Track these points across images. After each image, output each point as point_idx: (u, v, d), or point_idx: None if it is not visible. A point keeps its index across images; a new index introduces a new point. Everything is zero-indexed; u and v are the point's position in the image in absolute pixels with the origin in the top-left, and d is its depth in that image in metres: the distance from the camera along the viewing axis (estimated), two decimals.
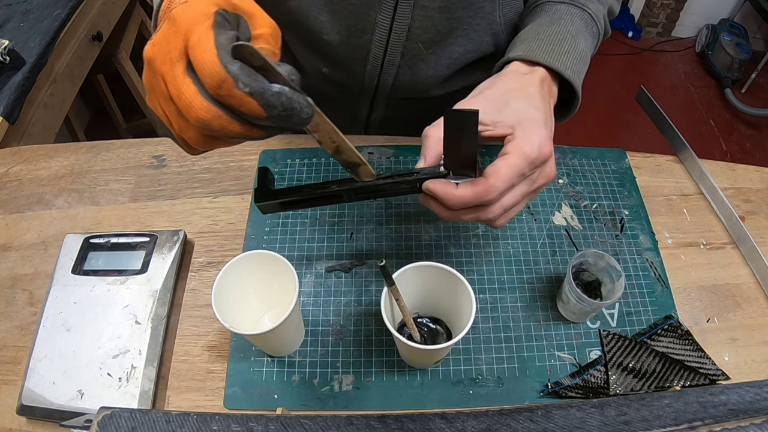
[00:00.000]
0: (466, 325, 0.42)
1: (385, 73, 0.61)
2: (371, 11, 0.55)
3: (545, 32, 0.49)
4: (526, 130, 0.41)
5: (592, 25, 0.52)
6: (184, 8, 0.32)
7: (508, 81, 0.46)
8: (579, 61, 0.48)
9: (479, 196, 0.39)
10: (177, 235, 0.57)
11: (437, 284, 0.47)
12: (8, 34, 1.00)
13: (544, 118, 0.43)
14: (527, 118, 0.42)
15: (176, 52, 0.31)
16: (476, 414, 0.34)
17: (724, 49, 2.09)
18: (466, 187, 0.39)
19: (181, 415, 0.34)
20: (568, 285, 0.50)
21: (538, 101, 0.44)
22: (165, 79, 0.32)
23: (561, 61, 0.47)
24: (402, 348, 0.48)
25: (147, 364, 0.50)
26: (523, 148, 0.40)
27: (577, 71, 0.48)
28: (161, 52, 0.31)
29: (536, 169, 0.41)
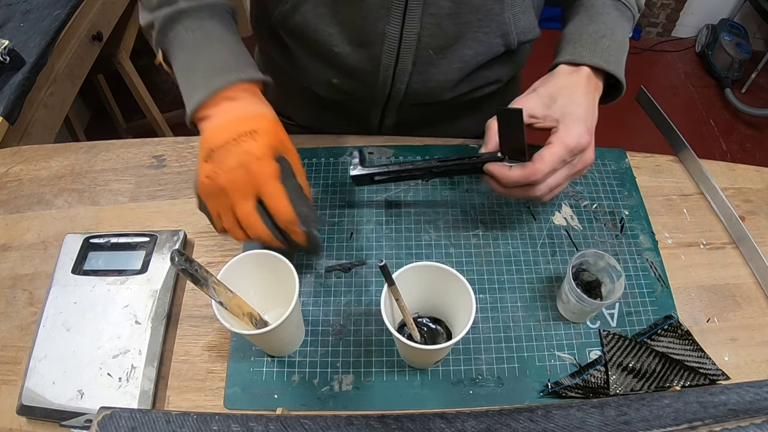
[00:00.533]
0: (466, 325, 0.42)
1: (397, 82, 0.60)
2: (379, 22, 0.54)
3: (586, 32, 0.55)
4: (569, 123, 0.49)
5: (626, 11, 0.58)
6: (254, 159, 0.45)
7: (557, 80, 0.53)
8: (618, 52, 0.55)
9: (527, 177, 0.49)
10: (177, 235, 0.57)
11: (437, 284, 0.47)
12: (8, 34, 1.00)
13: (585, 113, 0.51)
14: (570, 113, 0.50)
15: (250, 192, 0.45)
16: (476, 414, 0.34)
17: (724, 49, 2.09)
18: (517, 170, 0.49)
19: (181, 415, 0.34)
20: (568, 285, 0.50)
21: (582, 98, 0.51)
22: (236, 206, 0.46)
23: (603, 58, 0.53)
24: (402, 348, 0.48)
25: (147, 364, 0.50)
26: (564, 139, 0.49)
27: (617, 62, 0.54)
28: (236, 188, 0.45)
29: (576, 156, 0.50)
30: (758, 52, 2.13)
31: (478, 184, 0.64)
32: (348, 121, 0.71)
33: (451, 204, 0.63)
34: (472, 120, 0.74)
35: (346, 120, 0.71)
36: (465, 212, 0.62)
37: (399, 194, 0.63)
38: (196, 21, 0.50)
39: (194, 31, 0.50)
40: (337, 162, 0.66)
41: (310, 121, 0.76)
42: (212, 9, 0.51)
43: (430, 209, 0.62)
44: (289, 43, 0.63)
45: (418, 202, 0.62)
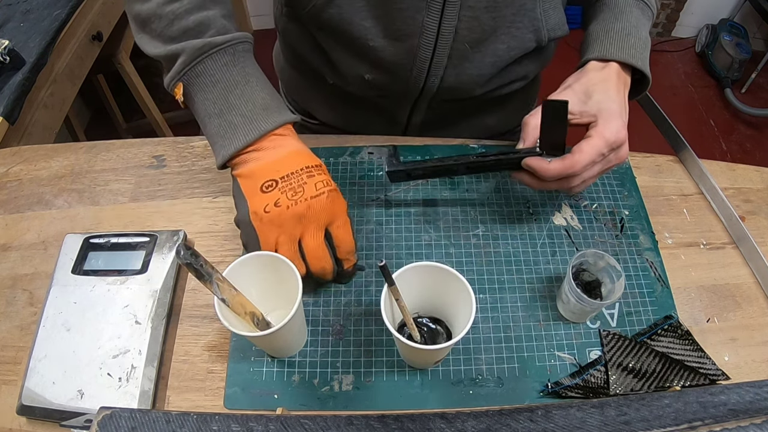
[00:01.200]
0: (466, 325, 0.42)
1: (432, 76, 0.61)
2: (418, 14, 0.54)
3: (613, 29, 0.56)
4: (607, 118, 0.51)
5: (647, 11, 0.59)
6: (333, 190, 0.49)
7: (590, 76, 0.54)
8: (644, 48, 0.56)
9: (566, 168, 0.50)
10: (177, 235, 0.57)
11: (437, 284, 0.47)
12: (8, 34, 1.00)
13: (620, 109, 0.52)
14: (607, 109, 0.51)
15: (325, 221, 0.48)
16: (476, 414, 0.34)
17: (724, 49, 2.09)
18: (557, 162, 0.50)
19: (181, 415, 0.34)
20: (568, 285, 0.50)
21: (615, 93, 0.53)
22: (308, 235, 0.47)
23: (631, 54, 0.55)
24: (402, 348, 0.48)
25: (147, 364, 0.50)
26: (603, 133, 0.50)
27: (643, 58, 0.55)
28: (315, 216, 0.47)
29: (613, 151, 0.51)
30: (758, 52, 2.13)
31: (478, 184, 0.64)
32: (375, 119, 0.71)
33: (451, 204, 0.63)
34: (494, 118, 0.75)
35: (373, 118, 0.71)
36: (465, 212, 0.62)
37: (399, 194, 0.63)
38: (230, 56, 0.49)
39: (229, 67, 0.49)
40: (336, 162, 0.66)
41: (334, 119, 0.76)
42: (244, 44, 0.50)
43: (430, 209, 0.62)
44: (320, 38, 0.62)
45: (418, 202, 0.62)
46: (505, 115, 0.75)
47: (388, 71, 0.61)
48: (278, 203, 0.46)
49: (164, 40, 0.50)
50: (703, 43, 2.25)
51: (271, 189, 0.47)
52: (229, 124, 0.48)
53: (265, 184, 0.47)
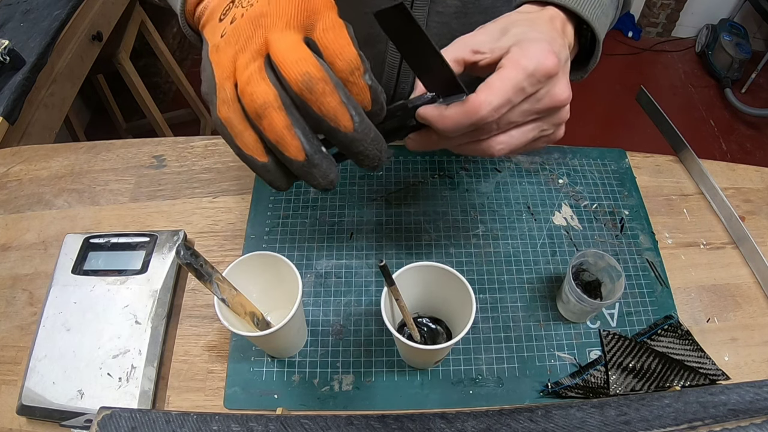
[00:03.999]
0: (466, 325, 0.42)
1: (401, 82, 0.60)
2: None
3: None
4: (524, 45, 0.36)
5: None
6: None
7: (512, 16, 0.41)
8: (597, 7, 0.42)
9: (469, 113, 0.34)
10: (177, 235, 0.57)
11: (437, 284, 0.47)
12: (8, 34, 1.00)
13: (550, 38, 0.37)
14: (527, 38, 0.36)
15: (295, 20, 0.30)
16: (476, 414, 0.34)
17: (724, 49, 2.09)
18: (456, 107, 0.34)
19: (181, 415, 0.34)
20: (568, 285, 0.50)
21: (544, 28, 0.39)
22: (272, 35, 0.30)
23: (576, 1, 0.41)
24: (402, 348, 0.48)
25: (147, 364, 0.50)
26: (519, 60, 0.35)
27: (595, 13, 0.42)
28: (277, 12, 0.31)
29: (540, 86, 0.36)
30: (758, 52, 2.13)
31: (478, 184, 0.64)
32: None
33: (451, 204, 0.63)
34: None
35: None
36: (465, 212, 0.62)
37: (399, 194, 0.63)
38: None
39: None
40: None
41: None
42: None
43: (430, 209, 0.62)
44: None
45: (418, 202, 0.62)
46: None
47: None
48: (234, 18, 0.32)
49: None
50: (703, 43, 2.25)
51: (228, 11, 0.34)
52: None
53: (222, 12, 0.34)
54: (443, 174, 0.65)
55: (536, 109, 0.37)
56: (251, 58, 0.30)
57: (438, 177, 0.64)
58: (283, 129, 0.29)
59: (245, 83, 0.30)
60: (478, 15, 0.54)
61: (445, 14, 0.52)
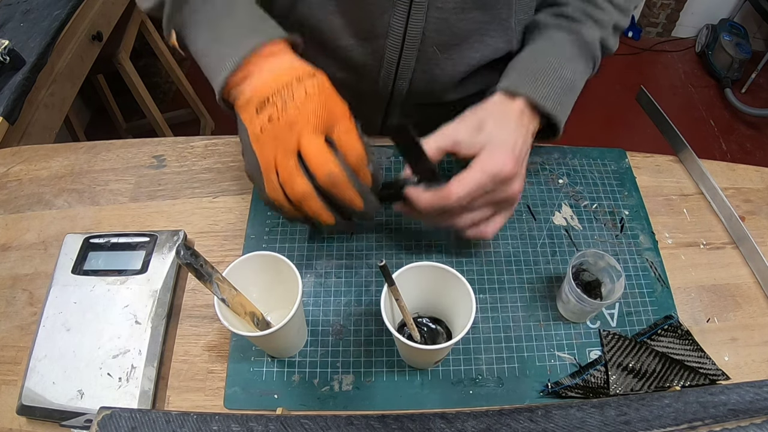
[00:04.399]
0: (466, 325, 0.42)
1: (400, 78, 0.60)
2: (384, 15, 0.54)
3: (533, 62, 0.53)
4: (492, 150, 0.47)
5: (585, 51, 0.54)
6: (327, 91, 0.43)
7: (488, 108, 0.51)
8: (562, 91, 0.51)
9: (438, 199, 0.46)
10: (177, 235, 0.57)
11: (437, 284, 0.47)
12: (8, 34, 1.00)
13: (514, 141, 0.48)
14: (496, 140, 0.47)
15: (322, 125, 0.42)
16: (476, 414, 0.34)
17: (724, 49, 2.09)
18: (429, 192, 0.47)
19: (181, 415, 0.34)
20: (568, 285, 0.50)
21: (512, 126, 0.49)
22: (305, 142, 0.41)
23: (542, 94, 0.50)
24: (402, 348, 0.48)
25: (147, 364, 0.50)
26: (484, 163, 0.46)
27: (558, 101, 0.51)
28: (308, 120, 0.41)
29: (500, 186, 0.47)
30: (758, 52, 2.13)
31: None
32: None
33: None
34: None
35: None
36: None
37: None
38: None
39: (212, 2, 0.46)
40: None
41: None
42: None
43: None
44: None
45: None
46: None
47: (357, 72, 0.61)
48: (271, 118, 0.42)
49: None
50: (703, 43, 2.25)
51: (264, 107, 0.42)
52: (218, 55, 0.45)
53: (259, 105, 0.43)
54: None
55: (493, 200, 0.49)
56: (288, 156, 0.42)
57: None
58: (318, 209, 0.43)
59: (287, 177, 0.42)
60: (477, 11, 0.54)
61: (445, 10, 0.53)
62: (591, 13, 0.54)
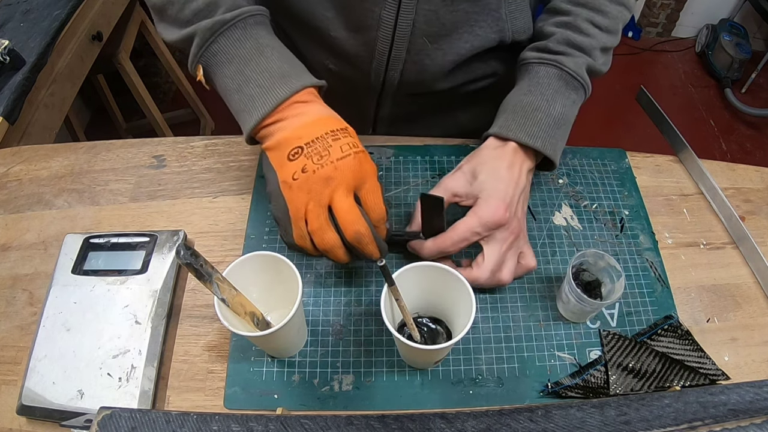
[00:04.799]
0: (466, 325, 0.42)
1: (391, 69, 0.61)
2: (375, 7, 0.55)
3: (520, 103, 0.55)
4: (486, 199, 0.51)
5: (572, 81, 0.55)
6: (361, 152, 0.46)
7: (482, 155, 0.54)
8: (551, 128, 0.53)
9: (438, 247, 0.52)
10: (177, 235, 0.57)
11: (437, 284, 0.47)
12: (8, 34, 1.00)
13: (506, 188, 0.51)
14: (489, 189, 0.51)
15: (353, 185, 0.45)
16: (476, 414, 0.34)
17: (724, 49, 2.09)
18: (430, 241, 0.52)
19: (181, 415, 0.34)
20: (568, 285, 0.50)
21: (505, 172, 0.52)
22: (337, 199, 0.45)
23: (531, 133, 0.53)
24: (402, 348, 0.48)
25: (147, 364, 0.50)
26: (478, 212, 0.50)
27: (548, 138, 0.53)
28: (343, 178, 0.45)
29: (490, 231, 0.51)
30: (758, 52, 2.13)
31: None
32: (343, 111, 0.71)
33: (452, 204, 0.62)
34: (468, 114, 0.74)
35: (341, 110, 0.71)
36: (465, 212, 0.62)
37: (399, 194, 0.63)
38: (241, 31, 0.48)
39: (242, 42, 0.48)
40: None
41: None
42: (254, 17, 0.50)
43: None
44: (285, 26, 0.63)
45: None
46: (477, 112, 0.74)
47: (349, 62, 0.61)
48: (305, 169, 0.44)
49: (179, 25, 0.50)
50: (703, 43, 2.25)
51: (297, 156, 0.45)
52: (248, 97, 0.47)
53: (291, 152, 0.45)
54: (443, 174, 0.65)
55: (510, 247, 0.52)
56: (321, 209, 0.45)
57: (438, 177, 0.64)
58: (342, 257, 0.47)
59: (317, 229, 0.45)
60: (465, 3, 0.55)
61: (433, 2, 0.54)
62: (574, 41, 0.55)
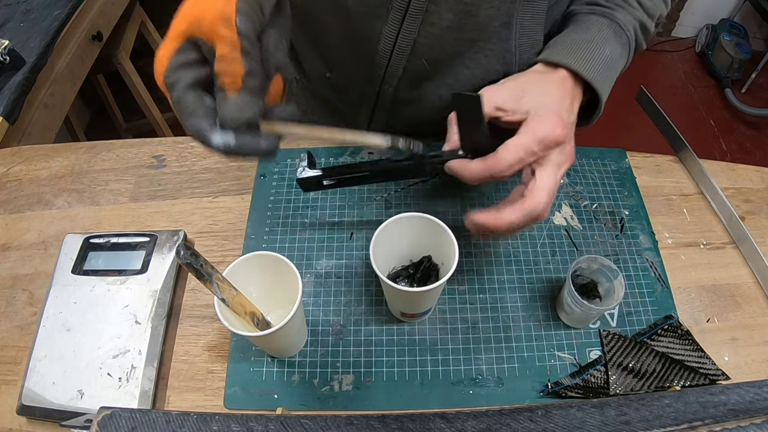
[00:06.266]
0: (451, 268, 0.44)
1: (386, 84, 0.59)
2: (378, 21, 0.53)
3: (571, 38, 0.51)
4: (539, 114, 0.44)
5: (621, 35, 0.53)
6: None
7: (528, 76, 0.49)
8: (603, 66, 0.49)
9: (489, 168, 0.44)
10: (177, 235, 0.57)
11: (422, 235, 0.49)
12: (8, 34, 1.00)
13: (559, 107, 0.45)
14: (542, 105, 0.45)
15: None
16: (476, 414, 0.34)
17: (724, 49, 2.09)
18: (478, 162, 0.45)
19: (181, 415, 0.34)
20: (571, 297, 0.49)
21: (555, 92, 0.47)
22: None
23: (581, 65, 0.48)
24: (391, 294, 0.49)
25: (147, 364, 0.50)
26: (534, 128, 0.44)
27: (599, 74, 0.49)
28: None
29: (547, 150, 0.44)
30: (758, 52, 2.13)
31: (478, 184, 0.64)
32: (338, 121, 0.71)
33: (451, 204, 0.63)
34: None
35: (336, 120, 0.71)
36: (465, 212, 0.62)
37: (399, 194, 0.63)
38: None
39: None
40: (337, 162, 0.66)
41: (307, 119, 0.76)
42: None
43: (430, 209, 0.62)
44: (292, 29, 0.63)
45: (419, 203, 0.62)
46: None
47: (345, 73, 0.61)
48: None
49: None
50: (703, 43, 2.25)
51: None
52: None
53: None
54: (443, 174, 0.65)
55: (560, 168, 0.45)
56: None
57: (438, 177, 0.64)
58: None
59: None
60: (473, 32, 0.53)
61: (438, 26, 0.52)
62: (622, 4, 0.54)
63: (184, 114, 0.35)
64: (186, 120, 0.35)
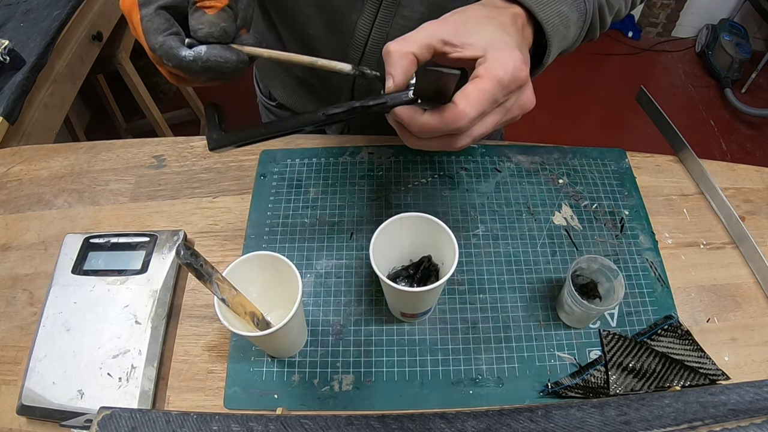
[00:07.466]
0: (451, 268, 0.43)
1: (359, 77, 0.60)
2: (353, 14, 0.55)
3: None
4: (499, 52, 0.37)
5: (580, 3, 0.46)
6: None
7: (479, 9, 0.41)
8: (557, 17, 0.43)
9: (447, 123, 0.36)
10: (177, 235, 0.57)
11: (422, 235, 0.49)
12: (8, 34, 1.00)
13: (518, 44, 0.39)
14: (500, 42, 0.38)
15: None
16: (476, 414, 0.34)
17: (724, 49, 2.09)
18: (433, 115, 0.36)
19: (181, 415, 0.34)
20: (571, 298, 0.49)
21: (511, 30, 0.40)
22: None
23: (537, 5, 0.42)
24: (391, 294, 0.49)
25: (147, 364, 0.50)
26: (495, 70, 0.36)
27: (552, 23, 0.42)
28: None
29: (510, 95, 0.38)
30: (758, 52, 2.13)
31: (478, 184, 0.64)
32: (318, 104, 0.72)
33: (451, 204, 0.63)
34: None
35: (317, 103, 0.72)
36: (465, 212, 0.62)
37: (399, 194, 0.63)
38: None
39: None
40: (337, 162, 0.66)
41: (288, 101, 0.77)
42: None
43: (430, 209, 0.62)
44: (273, 17, 0.64)
45: (418, 202, 0.62)
46: None
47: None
48: None
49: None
50: (703, 43, 2.25)
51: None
52: None
53: None
54: (443, 174, 0.65)
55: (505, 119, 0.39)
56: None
57: (438, 177, 0.65)
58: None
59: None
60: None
61: (410, 19, 0.53)
62: None
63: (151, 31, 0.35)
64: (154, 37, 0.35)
